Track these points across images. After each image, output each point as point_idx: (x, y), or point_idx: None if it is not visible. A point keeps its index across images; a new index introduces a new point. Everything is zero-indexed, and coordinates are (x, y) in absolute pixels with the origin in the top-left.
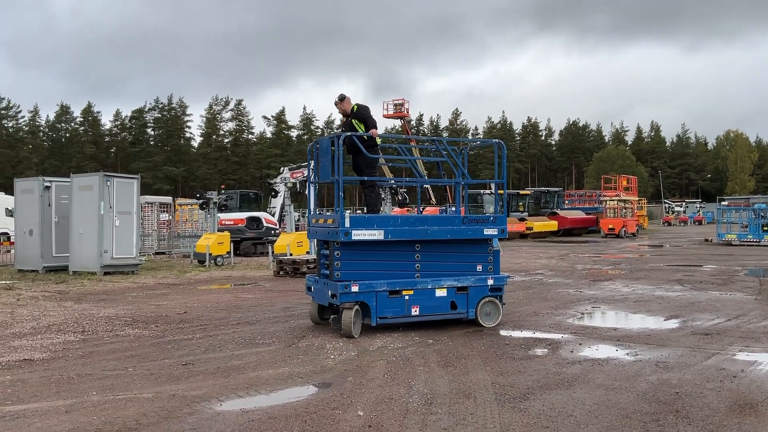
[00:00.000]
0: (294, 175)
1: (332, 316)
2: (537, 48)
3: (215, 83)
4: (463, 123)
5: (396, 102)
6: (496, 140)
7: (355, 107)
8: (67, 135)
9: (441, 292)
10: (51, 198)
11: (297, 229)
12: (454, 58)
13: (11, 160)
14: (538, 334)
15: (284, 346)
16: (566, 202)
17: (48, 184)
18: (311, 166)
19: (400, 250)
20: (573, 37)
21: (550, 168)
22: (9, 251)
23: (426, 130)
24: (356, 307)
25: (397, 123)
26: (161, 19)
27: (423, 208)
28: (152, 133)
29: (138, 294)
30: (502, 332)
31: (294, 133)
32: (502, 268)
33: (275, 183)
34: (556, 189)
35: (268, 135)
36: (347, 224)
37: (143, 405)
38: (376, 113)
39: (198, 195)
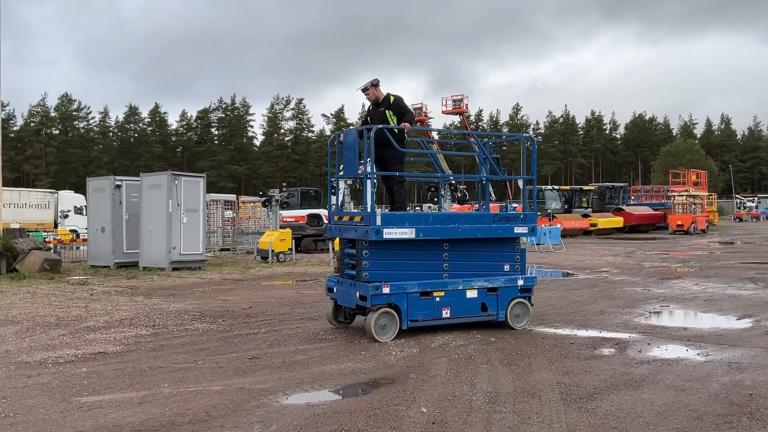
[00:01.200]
0: None
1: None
2: (604, 39)
3: (278, 82)
4: (524, 118)
5: (455, 98)
6: (526, 134)
7: (392, 98)
8: (136, 135)
9: (472, 293)
10: (122, 196)
11: None
12: (518, 51)
13: (83, 159)
14: (605, 334)
15: (346, 341)
16: (632, 197)
17: (119, 182)
18: (332, 161)
19: (429, 249)
20: (643, 27)
21: (614, 163)
22: (78, 248)
23: (485, 126)
24: (385, 309)
25: (456, 119)
26: (228, 19)
27: (483, 205)
28: (216, 132)
29: (205, 289)
30: (567, 331)
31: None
32: (566, 265)
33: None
34: (622, 184)
35: (328, 133)
36: (379, 222)
37: (212, 397)
38: (435, 109)
39: (260, 193)
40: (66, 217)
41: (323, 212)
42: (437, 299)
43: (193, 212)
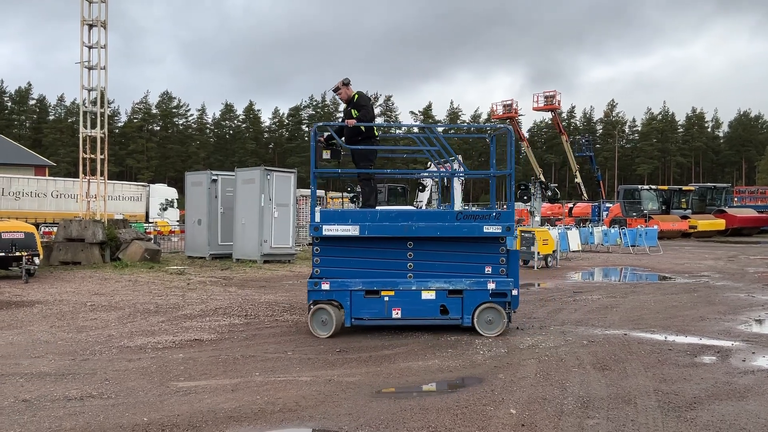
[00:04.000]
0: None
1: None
2: (716, 31)
3: (372, 79)
4: (620, 115)
5: (547, 94)
6: (502, 126)
7: (356, 96)
8: (231, 132)
9: (428, 295)
10: (217, 190)
11: None
12: (622, 44)
13: (181, 154)
14: (705, 341)
15: (433, 338)
16: (735, 199)
17: (215, 177)
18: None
19: (387, 247)
20: (761, 18)
21: (716, 162)
22: (170, 239)
23: (578, 123)
24: (324, 306)
25: (548, 116)
26: (329, 16)
27: (574, 204)
28: (307, 129)
29: (294, 282)
30: (664, 337)
31: (440, 128)
32: (663, 268)
33: (422, 177)
34: (724, 185)
35: (416, 130)
36: (318, 219)
37: (302, 388)
38: (526, 106)
39: (349, 189)
40: (165, 209)
41: (410, 209)
42: (386, 299)
43: (283, 207)
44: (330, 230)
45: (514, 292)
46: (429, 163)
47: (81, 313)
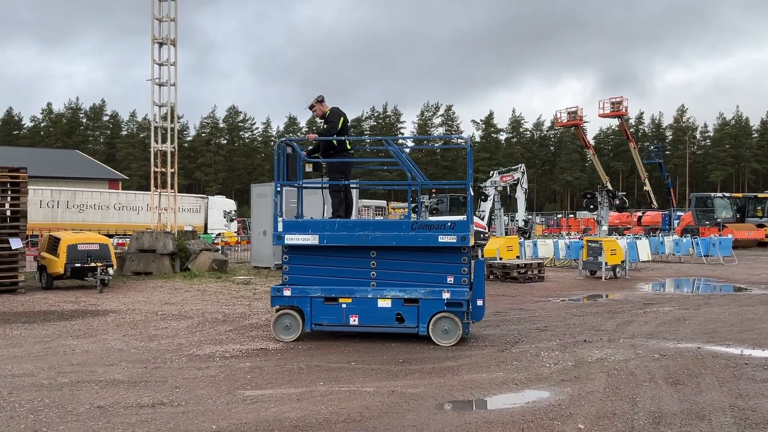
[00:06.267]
0: (504, 179)
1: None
2: None
3: (437, 87)
4: (690, 120)
5: (613, 100)
6: (463, 136)
7: (328, 112)
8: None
9: (384, 303)
10: (282, 201)
11: (507, 233)
12: (699, 46)
13: (247, 167)
14: None
15: (497, 350)
16: None
17: (279, 188)
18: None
19: (351, 256)
20: None
21: None
22: (234, 249)
23: (647, 129)
24: (286, 311)
25: (614, 122)
26: (395, 24)
27: (643, 213)
28: (368, 141)
29: None
30: (740, 351)
31: (502, 137)
32: (738, 278)
33: (485, 187)
34: None
35: (477, 139)
36: (280, 228)
37: (365, 398)
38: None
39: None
40: (232, 220)
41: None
42: (343, 306)
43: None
44: (292, 239)
45: (479, 303)
46: (492, 172)
47: (152, 322)
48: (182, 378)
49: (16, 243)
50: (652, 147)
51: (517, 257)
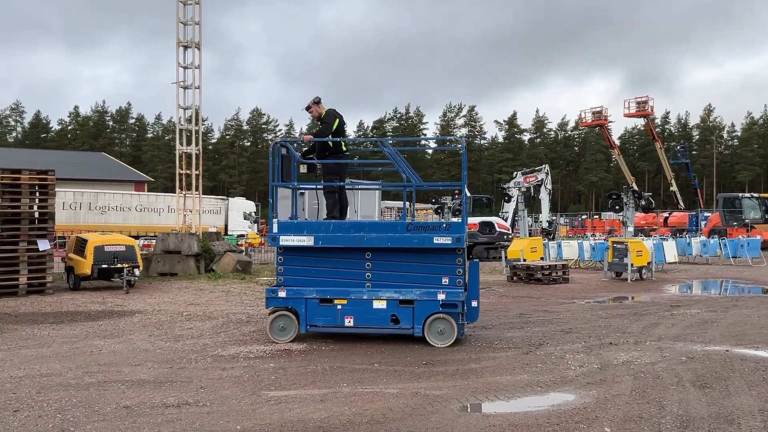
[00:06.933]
0: (527, 180)
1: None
2: None
3: (461, 88)
4: (717, 120)
5: (639, 100)
6: (456, 137)
7: (323, 113)
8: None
9: (379, 304)
10: (304, 203)
11: (530, 235)
12: (729, 44)
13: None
14: None
15: (521, 353)
16: None
17: (303, 190)
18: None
19: (346, 258)
20: None
21: None
22: (258, 251)
23: (673, 129)
24: (282, 312)
25: (640, 122)
26: (420, 26)
27: (670, 213)
28: (391, 141)
29: None
30: None
31: (526, 137)
32: (766, 280)
33: (508, 188)
34: None
35: (500, 140)
36: (275, 230)
37: (389, 400)
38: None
39: (433, 200)
40: (256, 222)
41: (495, 220)
42: (338, 307)
43: (369, 219)
44: (287, 241)
45: (474, 304)
46: (515, 173)
47: (178, 323)
48: (207, 378)
49: (43, 244)
50: (678, 147)
51: (541, 258)
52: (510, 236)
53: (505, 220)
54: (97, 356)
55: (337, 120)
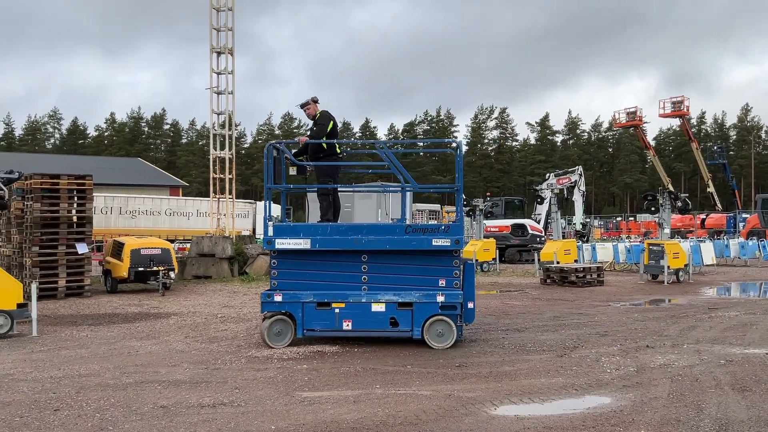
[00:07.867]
0: (560, 182)
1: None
2: None
3: (493, 89)
4: (755, 119)
5: (674, 100)
6: (453, 140)
7: (318, 114)
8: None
9: (378, 307)
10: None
11: (563, 237)
12: None
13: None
14: None
15: (556, 355)
16: None
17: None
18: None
19: (342, 260)
20: None
21: None
22: None
23: (709, 129)
24: (278, 317)
25: (675, 122)
26: (451, 26)
27: (707, 215)
28: (421, 144)
29: None
30: None
31: (558, 139)
32: None
33: (541, 189)
34: None
35: (532, 141)
36: (271, 232)
37: (422, 401)
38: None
39: (464, 203)
40: None
41: (528, 222)
42: (336, 311)
43: (400, 221)
44: (283, 244)
45: (470, 305)
46: (548, 174)
47: (212, 325)
48: (242, 379)
49: (82, 248)
50: (715, 147)
51: (575, 261)
52: (543, 238)
53: (538, 222)
54: (134, 357)
55: (331, 122)
